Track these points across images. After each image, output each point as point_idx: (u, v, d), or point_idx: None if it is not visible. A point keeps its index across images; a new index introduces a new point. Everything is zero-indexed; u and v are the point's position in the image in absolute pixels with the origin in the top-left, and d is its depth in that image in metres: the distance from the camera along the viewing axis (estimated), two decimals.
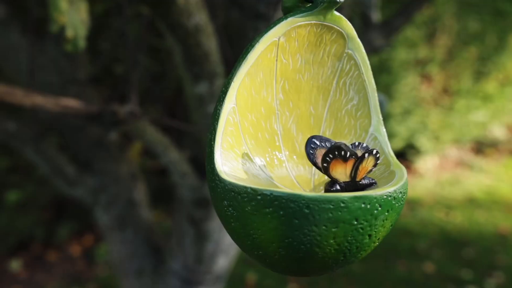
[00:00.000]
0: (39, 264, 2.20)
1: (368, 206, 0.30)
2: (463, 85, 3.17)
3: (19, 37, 0.97)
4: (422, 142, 3.24)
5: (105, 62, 1.41)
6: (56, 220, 2.29)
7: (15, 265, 2.14)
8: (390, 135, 3.10)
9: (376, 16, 1.24)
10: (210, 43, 0.64)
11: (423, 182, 3.30)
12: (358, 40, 0.39)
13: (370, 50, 1.24)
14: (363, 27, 1.25)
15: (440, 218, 2.75)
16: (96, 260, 2.21)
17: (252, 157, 0.38)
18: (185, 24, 0.58)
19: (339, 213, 0.29)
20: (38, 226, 2.22)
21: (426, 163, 3.45)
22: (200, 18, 0.59)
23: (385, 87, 2.83)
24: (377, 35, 1.23)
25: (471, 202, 2.99)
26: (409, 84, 2.98)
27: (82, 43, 0.63)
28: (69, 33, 0.61)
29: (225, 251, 1.10)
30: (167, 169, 0.99)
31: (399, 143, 3.20)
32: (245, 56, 0.37)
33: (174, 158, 0.93)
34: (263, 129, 0.39)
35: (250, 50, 0.37)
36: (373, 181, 0.34)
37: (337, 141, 0.39)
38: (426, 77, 3.17)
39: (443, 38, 2.99)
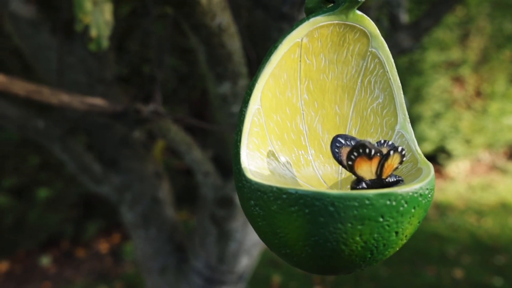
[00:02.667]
0: (68, 260, 2.24)
1: (394, 203, 0.29)
2: (497, 88, 3.10)
3: (49, 37, 0.99)
4: (454, 145, 3.18)
5: (133, 62, 1.43)
6: (84, 217, 2.34)
7: (45, 260, 2.19)
8: (420, 139, 3.05)
9: (404, 17, 1.22)
10: (234, 43, 0.64)
11: (454, 187, 3.23)
12: (382, 38, 0.39)
13: (399, 51, 1.22)
14: (391, 28, 1.23)
15: (471, 223, 2.70)
16: (123, 258, 2.24)
17: (278, 157, 0.38)
18: (208, 24, 0.58)
19: (365, 210, 0.29)
20: (67, 223, 2.26)
21: (458, 167, 3.39)
22: (223, 18, 0.59)
23: (416, 90, 2.79)
24: (405, 36, 1.21)
25: (504, 208, 2.92)
26: (440, 87, 2.93)
27: (105, 43, 0.64)
28: (93, 32, 0.63)
29: (247, 251, 1.10)
30: (191, 169, 1.00)
31: (430, 147, 3.15)
32: (269, 58, 0.37)
33: (197, 157, 0.94)
34: (288, 130, 0.39)
35: (274, 51, 0.37)
36: (400, 178, 0.34)
37: (361, 139, 0.38)
38: (458, 80, 3.11)
39: (476, 40, 2.93)
